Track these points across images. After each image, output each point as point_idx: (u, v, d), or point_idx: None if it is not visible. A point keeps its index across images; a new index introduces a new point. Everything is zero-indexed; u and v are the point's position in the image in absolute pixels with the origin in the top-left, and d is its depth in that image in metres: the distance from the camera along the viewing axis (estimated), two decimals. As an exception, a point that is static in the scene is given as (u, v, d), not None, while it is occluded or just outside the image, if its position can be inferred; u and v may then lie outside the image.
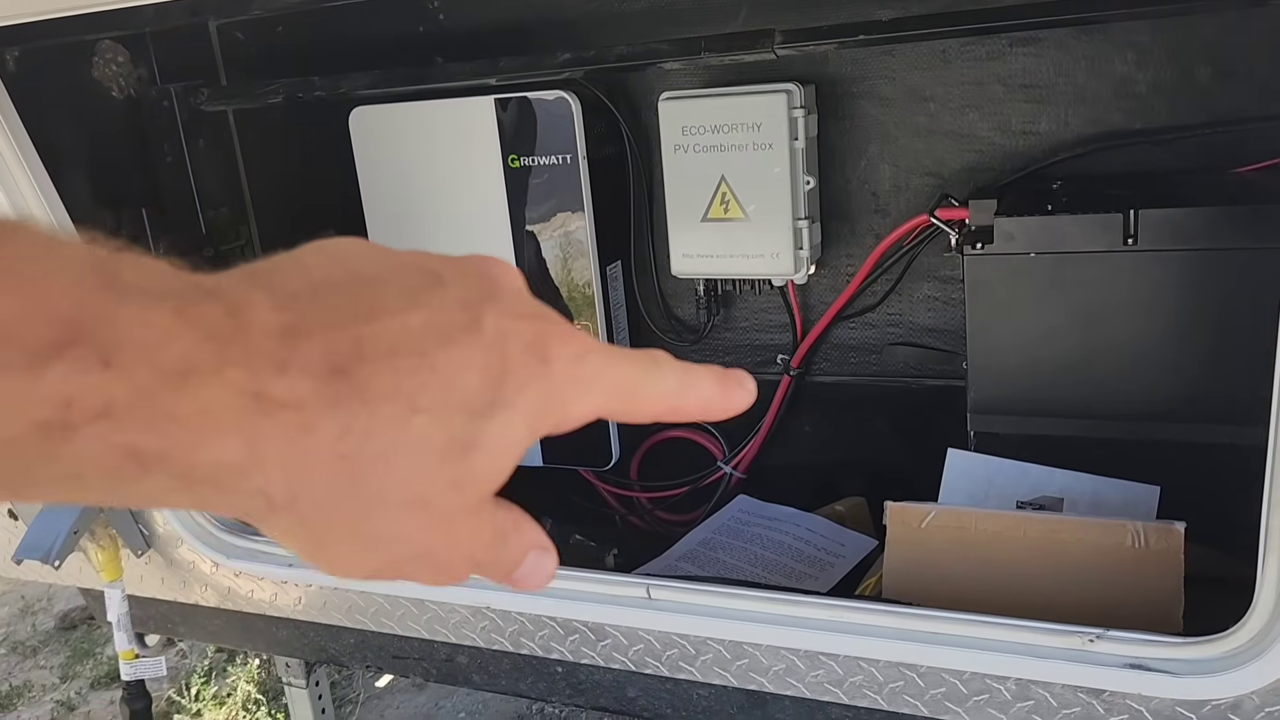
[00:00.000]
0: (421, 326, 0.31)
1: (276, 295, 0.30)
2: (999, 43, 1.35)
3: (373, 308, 0.31)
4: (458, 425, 0.31)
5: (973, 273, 1.28)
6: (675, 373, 0.38)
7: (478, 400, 0.32)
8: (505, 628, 1.31)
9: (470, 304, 0.33)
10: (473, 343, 0.32)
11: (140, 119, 1.61)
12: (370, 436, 0.30)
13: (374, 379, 0.30)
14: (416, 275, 0.33)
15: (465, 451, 0.31)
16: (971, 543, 1.19)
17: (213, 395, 0.27)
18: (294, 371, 0.29)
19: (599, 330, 1.53)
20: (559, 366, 0.34)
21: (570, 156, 1.46)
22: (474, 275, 0.34)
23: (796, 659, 1.16)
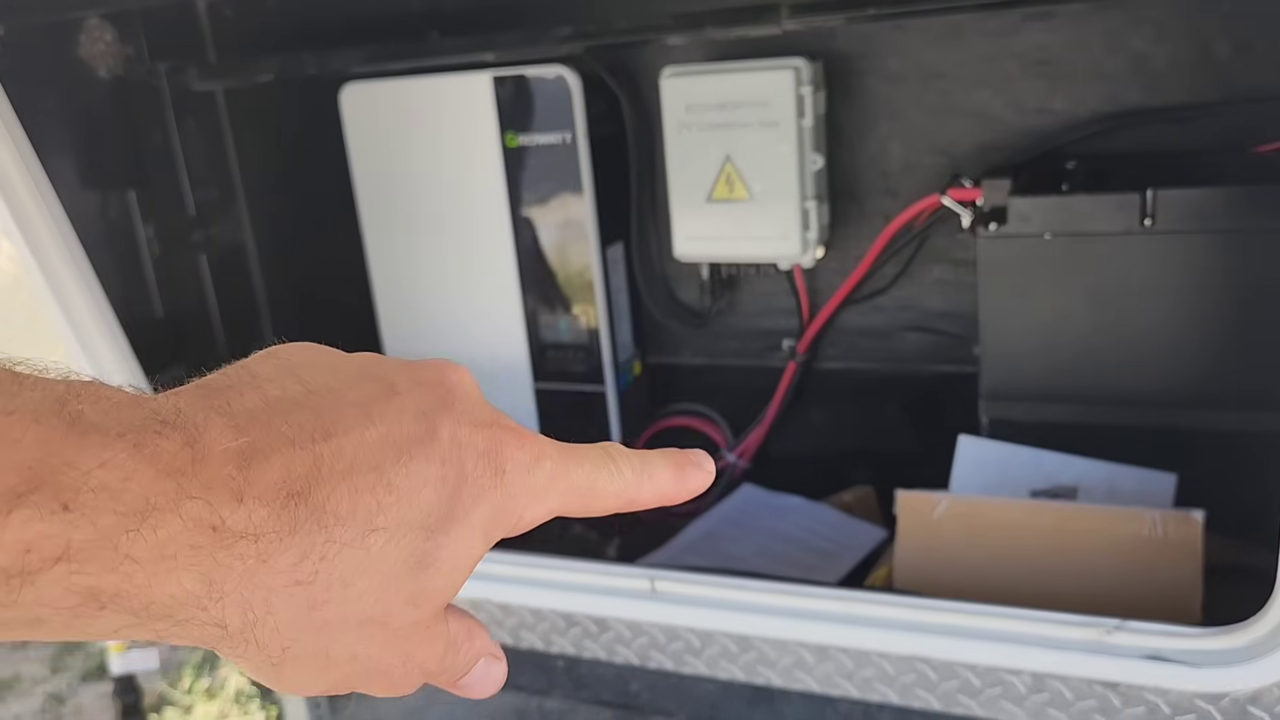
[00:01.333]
0: (378, 441, 0.32)
1: (234, 417, 0.30)
2: (1013, 18, 1.30)
3: (329, 425, 0.32)
4: (414, 543, 0.32)
5: (986, 254, 1.24)
6: (630, 465, 0.39)
7: (433, 516, 0.32)
8: (505, 620, 1.28)
9: (426, 414, 0.34)
10: (429, 456, 0.33)
11: (127, 99, 1.57)
12: (326, 560, 0.30)
13: (331, 500, 0.30)
14: (371, 386, 0.34)
15: (421, 568, 0.32)
16: (985, 532, 1.16)
17: (171, 532, 0.28)
18: (251, 500, 0.29)
19: (599, 315, 1.49)
20: (514, 476, 0.35)
21: (570, 135, 1.41)
22: (429, 383, 0.35)
23: (806, 652, 1.13)
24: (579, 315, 1.51)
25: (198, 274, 1.63)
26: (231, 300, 1.68)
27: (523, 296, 1.52)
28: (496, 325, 1.54)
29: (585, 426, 1.56)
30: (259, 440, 0.30)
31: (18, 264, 1.29)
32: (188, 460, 0.29)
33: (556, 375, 1.55)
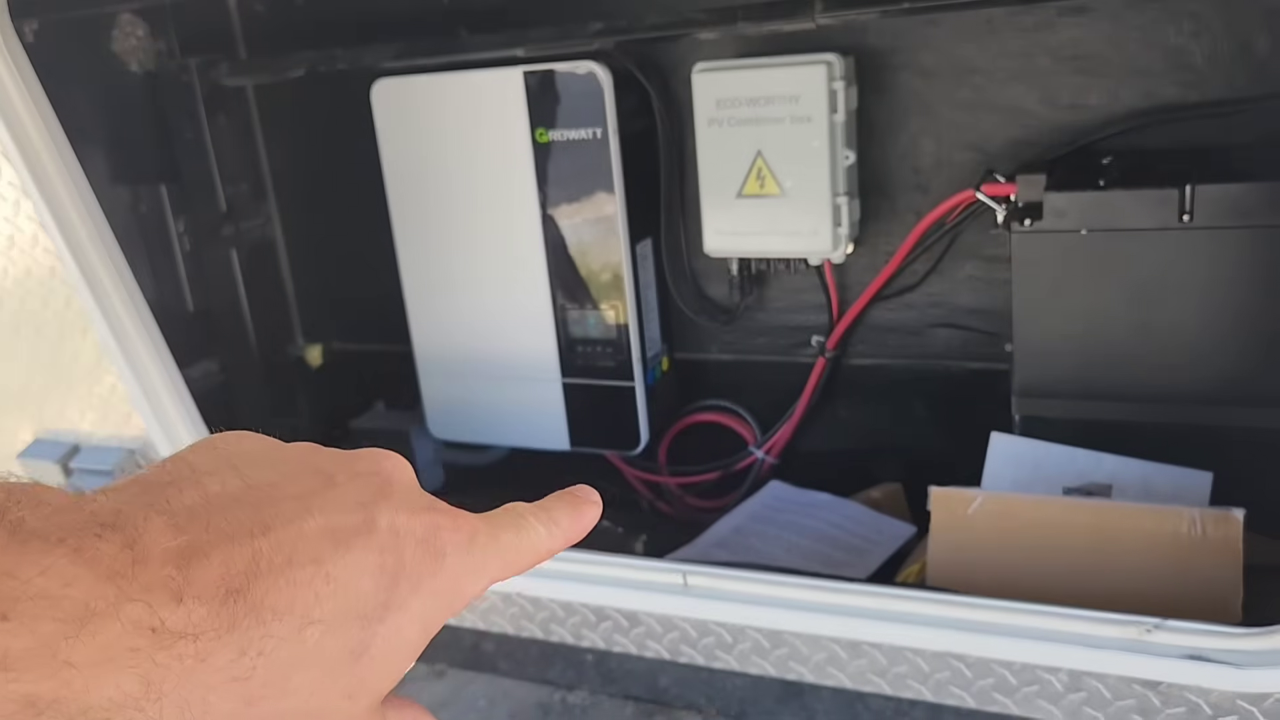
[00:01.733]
0: (317, 533, 0.32)
1: (173, 515, 0.30)
2: (1048, 12, 1.29)
3: (268, 519, 0.32)
4: (352, 634, 0.32)
5: (1020, 250, 1.23)
6: (538, 519, 0.40)
7: (371, 605, 0.33)
8: (536, 614, 1.28)
9: (363, 504, 0.34)
10: (367, 545, 0.33)
11: (159, 94, 1.58)
12: (264, 655, 0.30)
13: (269, 595, 0.30)
14: (309, 478, 0.34)
15: (358, 659, 0.32)
16: (1019, 530, 1.15)
17: (110, 636, 0.28)
18: (190, 599, 0.29)
19: (628, 310, 1.49)
20: (454, 559, 0.36)
21: (600, 130, 1.41)
22: (365, 473, 0.36)
23: (838, 648, 1.12)
24: (608, 311, 1.50)
25: (228, 269, 1.64)
26: (261, 295, 1.69)
27: (552, 292, 1.52)
28: (525, 320, 1.54)
29: (613, 422, 1.56)
30: (198, 539, 0.30)
31: (53, 256, 1.30)
32: (127, 562, 0.29)
33: (585, 371, 1.55)
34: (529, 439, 1.62)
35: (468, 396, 1.62)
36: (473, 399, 1.62)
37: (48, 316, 1.36)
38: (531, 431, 1.61)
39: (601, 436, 1.59)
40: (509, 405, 1.60)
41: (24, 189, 1.28)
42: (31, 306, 1.36)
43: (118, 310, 1.32)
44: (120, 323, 1.33)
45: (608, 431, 1.58)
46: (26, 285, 1.34)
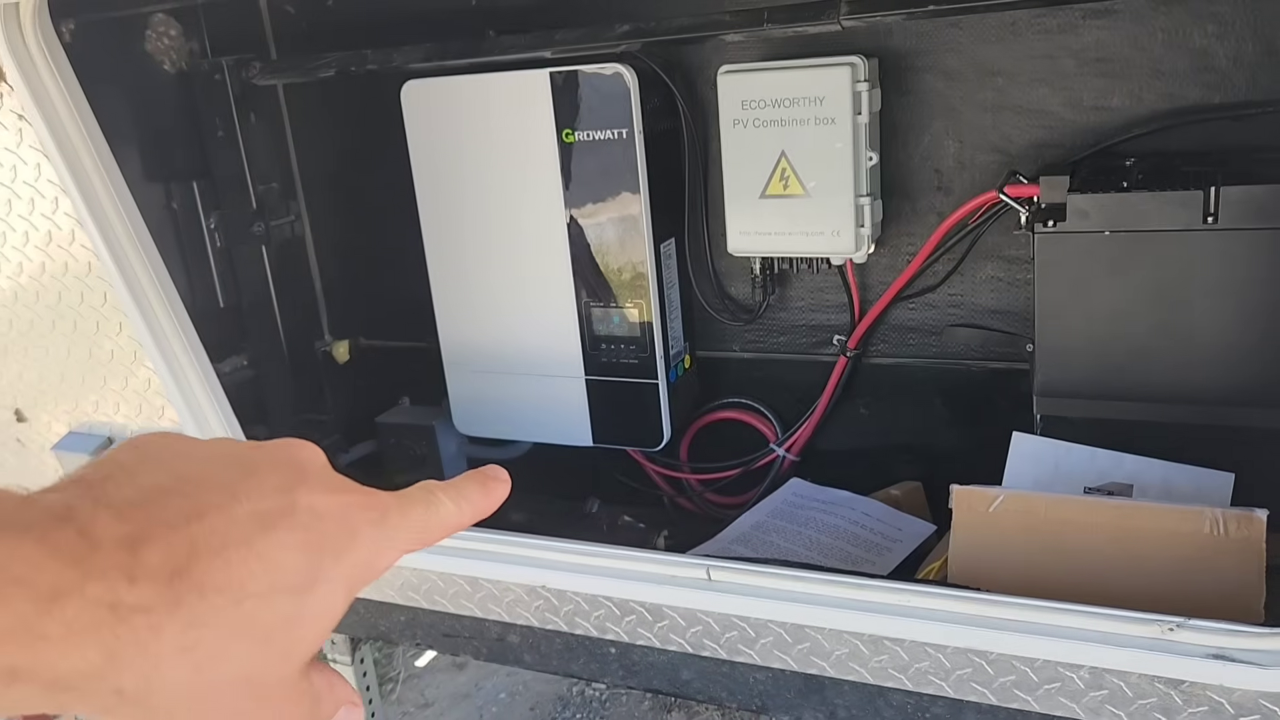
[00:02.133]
0: (245, 517, 0.36)
1: (115, 507, 0.34)
2: (1071, 14, 1.30)
3: (199, 507, 0.35)
4: (283, 605, 0.36)
5: (1043, 252, 1.24)
6: (448, 495, 0.44)
7: (298, 579, 0.37)
8: (560, 607, 1.30)
9: (284, 488, 0.38)
10: (290, 525, 0.37)
11: (192, 93, 1.61)
12: (208, 627, 0.34)
13: (209, 574, 0.34)
14: (232, 469, 0.38)
15: (290, 626, 0.36)
16: (1041, 528, 1.16)
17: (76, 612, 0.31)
18: (141, 579, 0.33)
19: (651, 309, 1.51)
20: (365, 533, 0.39)
21: (626, 131, 1.43)
22: (282, 461, 0.39)
23: (860, 643, 1.14)
24: (631, 309, 1.52)
25: (258, 265, 1.66)
26: (290, 291, 1.71)
27: (576, 290, 1.53)
28: (550, 318, 1.56)
29: (635, 418, 1.58)
30: (140, 526, 0.34)
31: (91, 252, 1.33)
32: (85, 548, 0.32)
33: (608, 368, 1.56)
34: (552, 435, 1.64)
35: (492, 392, 1.64)
36: (497, 395, 1.64)
37: (85, 311, 1.38)
38: (555, 427, 1.63)
39: (624, 433, 1.61)
40: (533, 401, 1.62)
41: (63, 186, 1.31)
42: (69, 301, 1.39)
43: (153, 305, 1.35)
44: (155, 318, 1.35)
45: (630, 428, 1.59)
46: (64, 281, 1.37)
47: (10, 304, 1.44)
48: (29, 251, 1.38)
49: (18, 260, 1.39)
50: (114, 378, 1.42)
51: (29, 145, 1.30)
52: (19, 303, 1.43)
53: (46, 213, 1.34)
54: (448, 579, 1.35)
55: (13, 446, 1.59)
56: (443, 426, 1.73)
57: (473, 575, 1.32)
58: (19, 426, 1.56)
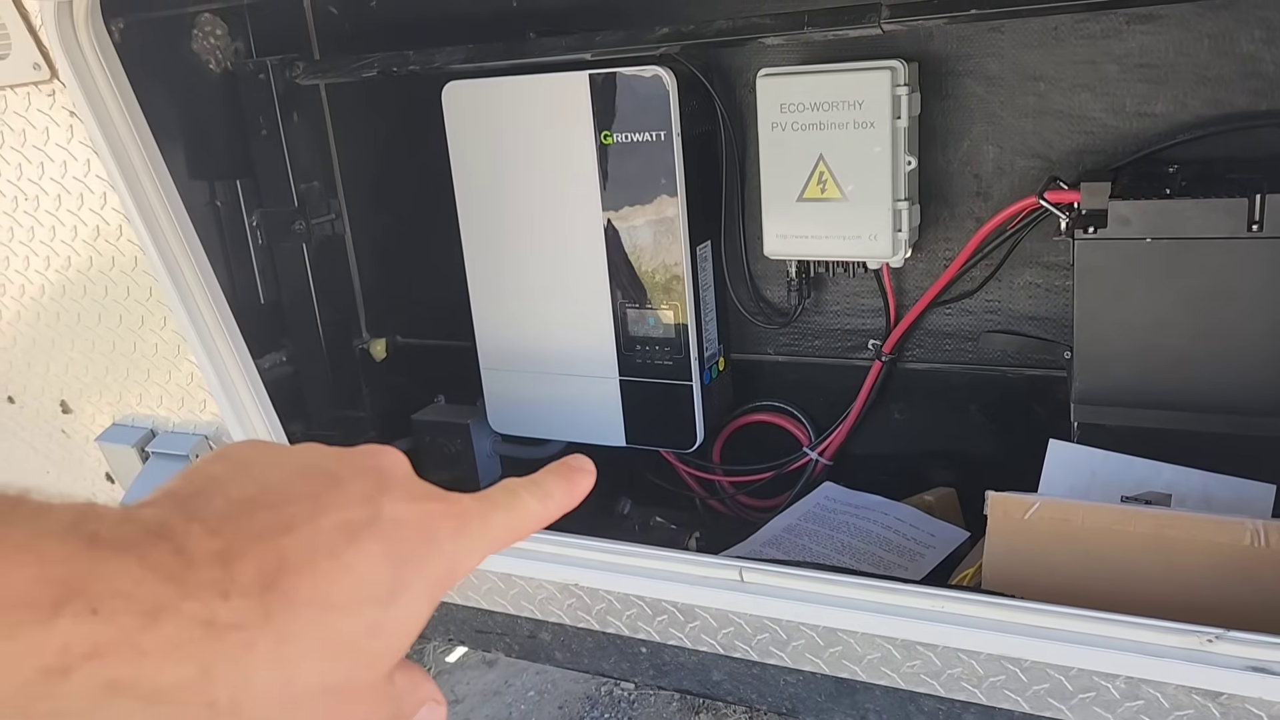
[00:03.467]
0: (331, 528, 0.37)
1: (207, 521, 0.35)
2: (1115, 19, 1.30)
3: (287, 519, 0.36)
4: (368, 615, 0.37)
5: (1083, 258, 1.23)
6: (530, 493, 0.44)
7: (384, 589, 0.37)
8: (592, 605, 1.31)
9: (368, 497, 0.39)
10: (375, 535, 0.38)
11: (236, 92, 1.64)
12: (297, 640, 0.35)
13: (298, 587, 0.35)
14: (317, 479, 0.39)
15: (375, 636, 0.37)
16: (1077, 536, 1.15)
17: (174, 629, 0.32)
18: (235, 596, 0.34)
19: (687, 311, 1.51)
20: (448, 542, 0.40)
21: (664, 134, 1.44)
22: (367, 470, 0.40)
23: (893, 648, 1.13)
24: (666, 311, 1.53)
25: (299, 262, 1.69)
26: (329, 289, 1.73)
27: (612, 291, 1.54)
28: (586, 319, 1.57)
29: (669, 420, 1.58)
30: (232, 541, 0.35)
31: (137, 248, 1.35)
32: (181, 566, 0.33)
33: (642, 369, 1.57)
34: (586, 434, 1.65)
35: (527, 392, 1.65)
36: (532, 394, 1.65)
37: (130, 305, 1.41)
38: (588, 427, 1.63)
39: (657, 434, 1.61)
40: (567, 401, 1.63)
41: (111, 182, 1.33)
42: (115, 295, 1.41)
43: (197, 301, 1.37)
44: (199, 313, 1.37)
45: (664, 429, 1.60)
46: (111, 275, 1.40)
47: (58, 297, 1.46)
48: (77, 246, 1.41)
49: (66, 254, 1.42)
50: (157, 371, 1.45)
51: (79, 141, 1.33)
52: (67, 296, 1.46)
53: (95, 208, 1.37)
54: (481, 575, 1.36)
55: (58, 438, 1.63)
56: (477, 425, 1.75)
57: (506, 572, 1.33)
58: (64, 418, 1.59)
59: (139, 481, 1.46)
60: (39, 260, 1.44)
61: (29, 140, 1.35)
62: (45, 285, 1.46)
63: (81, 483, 1.66)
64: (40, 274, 1.45)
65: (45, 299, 1.47)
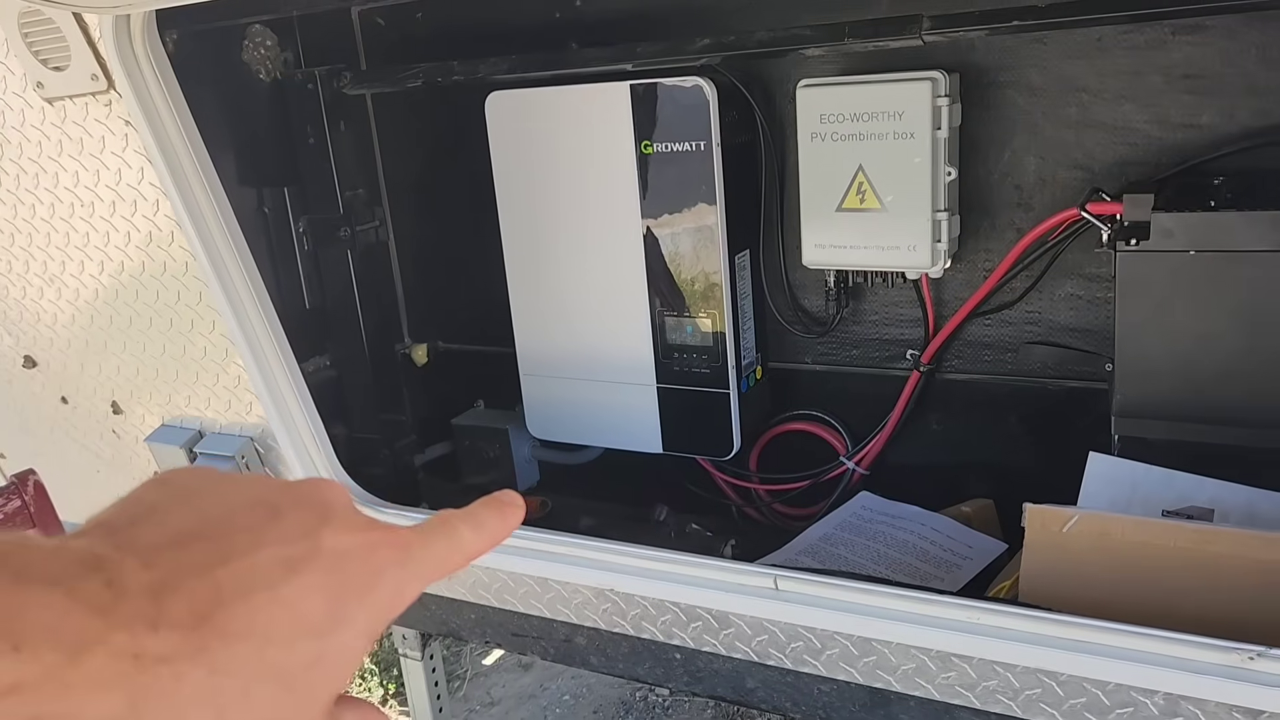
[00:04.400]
0: (269, 562, 0.36)
1: (141, 554, 0.35)
2: (1161, 30, 1.29)
3: (225, 551, 0.36)
4: (306, 649, 0.36)
5: (1125, 270, 1.22)
6: (466, 525, 0.44)
7: (323, 622, 0.37)
8: (628, 611, 1.32)
9: (308, 531, 0.38)
10: (315, 568, 0.37)
11: (285, 101, 1.67)
12: (231, 674, 0.34)
13: (233, 620, 0.35)
14: (257, 511, 0.38)
15: (313, 669, 0.37)
16: (1116, 550, 1.14)
17: (101, 662, 0.32)
18: (164, 628, 0.33)
19: (725, 319, 1.52)
20: (390, 572, 0.40)
21: (704, 143, 1.45)
22: (308, 502, 0.40)
23: (928, 659, 1.13)
24: (704, 319, 1.54)
25: (343, 268, 1.72)
26: (372, 295, 1.76)
27: (650, 299, 1.55)
28: (624, 326, 1.58)
29: (706, 428, 1.59)
30: (166, 573, 0.34)
31: (189, 253, 1.39)
32: (110, 598, 0.33)
33: (680, 377, 1.58)
34: (623, 441, 1.66)
35: (565, 398, 1.67)
36: (570, 400, 1.67)
37: (180, 309, 1.45)
38: (626, 434, 1.65)
39: (694, 441, 1.62)
40: (605, 408, 1.64)
41: (164, 189, 1.37)
42: (166, 299, 1.45)
43: (245, 305, 1.41)
44: (247, 317, 1.41)
45: (700, 437, 1.61)
46: (162, 280, 1.43)
47: (111, 301, 1.51)
48: (130, 251, 1.45)
49: (119, 259, 1.46)
50: (206, 374, 1.49)
51: (134, 150, 1.37)
52: (119, 300, 1.50)
53: (148, 214, 1.41)
54: (518, 579, 1.37)
55: (109, 438, 1.67)
56: (516, 430, 1.77)
57: (542, 576, 1.35)
58: (115, 418, 1.63)
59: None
60: (93, 265, 1.48)
61: (86, 148, 1.39)
62: (99, 289, 1.50)
63: (130, 483, 1.68)
64: (94, 278, 1.49)
65: (99, 303, 1.52)
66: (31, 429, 1.76)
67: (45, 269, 1.52)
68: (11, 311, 1.60)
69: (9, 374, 1.69)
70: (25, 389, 1.69)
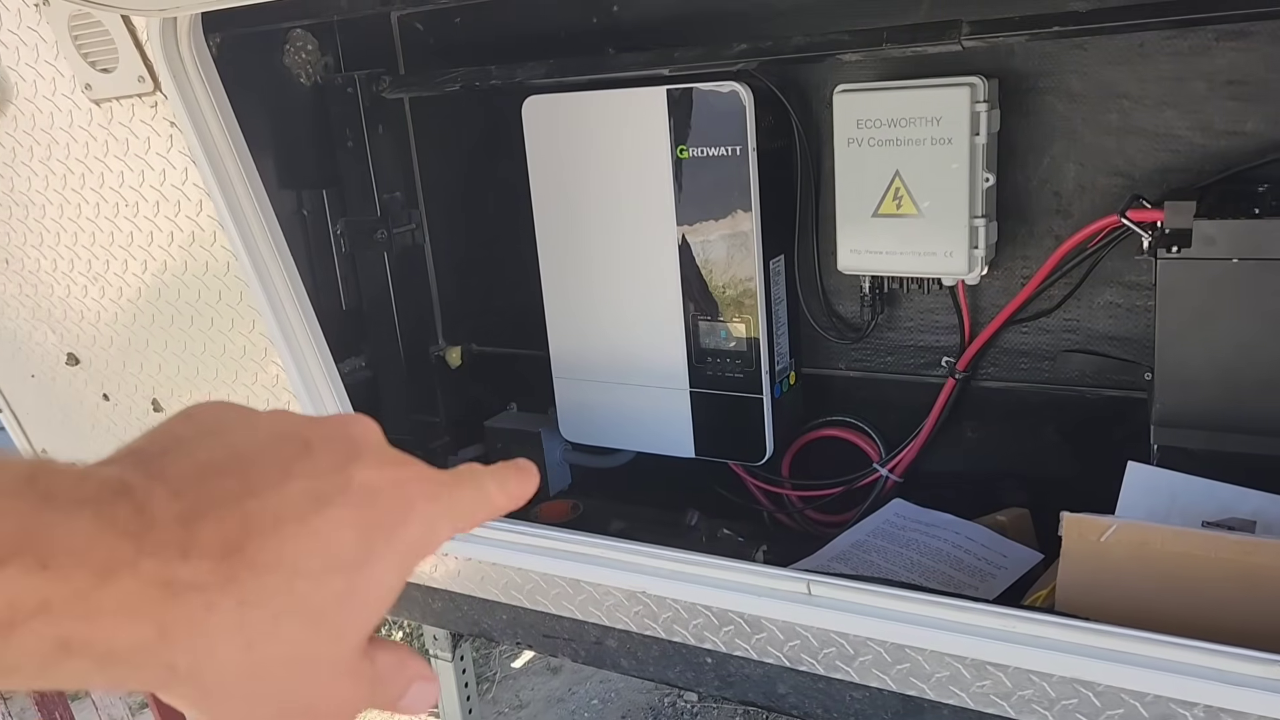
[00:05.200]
0: (299, 494, 0.36)
1: (170, 482, 0.34)
2: (1205, 36, 1.27)
3: (254, 483, 0.35)
4: (336, 583, 0.36)
5: (1166, 278, 1.21)
6: (491, 480, 0.43)
7: (353, 556, 0.36)
8: (659, 614, 1.32)
9: (339, 465, 0.38)
10: (345, 502, 0.37)
11: (325, 105, 1.69)
12: (260, 605, 0.34)
13: (262, 551, 0.34)
14: (287, 444, 0.38)
15: (343, 604, 0.36)
16: (1155, 560, 1.13)
17: (130, 587, 0.31)
18: (195, 556, 0.33)
19: (759, 324, 1.52)
20: (421, 507, 0.39)
21: (740, 148, 1.45)
22: (338, 437, 0.39)
23: (962, 667, 1.12)
24: (738, 324, 1.54)
25: (379, 270, 1.73)
26: (408, 297, 1.78)
27: (684, 303, 1.56)
28: (658, 330, 1.59)
29: (739, 432, 1.59)
30: (196, 503, 0.34)
31: (230, 253, 1.41)
32: (140, 524, 0.32)
33: (713, 381, 1.58)
34: (655, 445, 1.66)
35: (598, 401, 1.67)
36: (603, 404, 1.67)
37: (221, 309, 1.47)
38: (658, 438, 1.65)
39: (726, 446, 1.62)
40: (637, 411, 1.65)
41: (207, 190, 1.39)
42: (207, 299, 1.47)
43: (284, 305, 1.42)
44: (286, 317, 1.42)
45: (733, 441, 1.61)
46: (204, 279, 1.45)
47: (153, 300, 1.53)
48: (173, 251, 1.47)
49: (162, 259, 1.48)
50: (245, 372, 1.50)
51: (178, 151, 1.39)
52: (161, 299, 1.52)
53: (191, 214, 1.43)
54: (550, 580, 1.38)
55: (149, 434, 1.69)
56: (548, 433, 1.78)
57: (575, 577, 1.35)
58: (156, 416, 1.66)
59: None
60: (136, 264, 1.51)
61: (131, 149, 1.42)
62: (141, 288, 1.52)
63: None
64: (137, 277, 1.52)
65: (141, 301, 1.54)
66: (73, 426, 1.78)
67: (89, 268, 1.54)
68: (56, 310, 1.63)
69: (52, 371, 1.72)
70: (68, 386, 1.72)
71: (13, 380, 1.81)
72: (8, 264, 1.61)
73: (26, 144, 1.44)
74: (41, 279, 1.59)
